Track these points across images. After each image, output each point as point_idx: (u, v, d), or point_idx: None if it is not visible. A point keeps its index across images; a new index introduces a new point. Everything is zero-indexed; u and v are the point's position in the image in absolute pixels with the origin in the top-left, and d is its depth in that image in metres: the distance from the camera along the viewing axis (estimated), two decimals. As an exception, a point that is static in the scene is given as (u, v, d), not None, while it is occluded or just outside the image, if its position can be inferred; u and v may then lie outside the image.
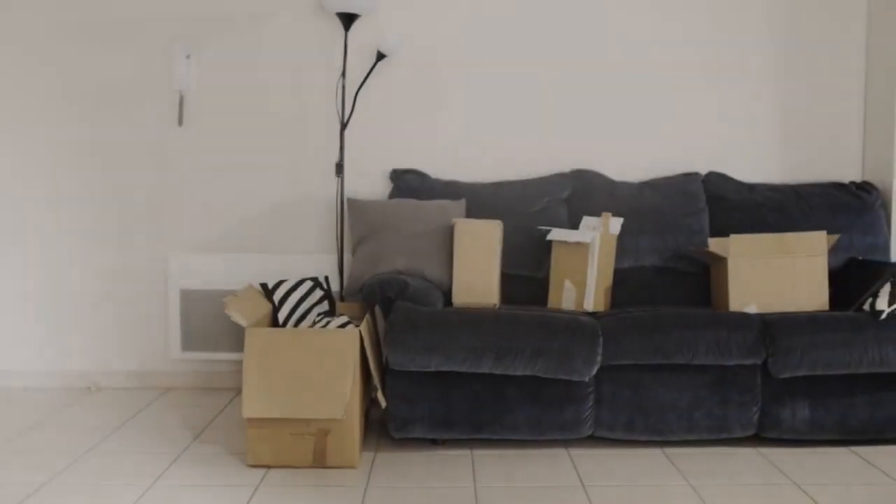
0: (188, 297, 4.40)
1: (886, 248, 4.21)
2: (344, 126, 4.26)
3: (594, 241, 3.76)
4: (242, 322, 3.41)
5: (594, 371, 3.48)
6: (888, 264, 3.73)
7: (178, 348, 4.43)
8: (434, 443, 3.67)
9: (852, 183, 4.34)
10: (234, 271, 4.40)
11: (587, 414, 3.54)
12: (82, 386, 4.53)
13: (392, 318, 3.51)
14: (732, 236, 3.81)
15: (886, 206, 4.30)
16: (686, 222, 4.18)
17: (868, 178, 4.46)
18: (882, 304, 3.59)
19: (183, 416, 4.05)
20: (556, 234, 3.86)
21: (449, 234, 3.84)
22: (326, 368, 3.32)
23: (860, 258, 4.06)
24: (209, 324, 4.37)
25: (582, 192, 4.24)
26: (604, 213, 3.92)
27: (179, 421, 3.96)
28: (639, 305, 3.96)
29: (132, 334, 4.50)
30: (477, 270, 3.71)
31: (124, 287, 4.48)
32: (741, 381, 3.57)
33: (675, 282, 4.13)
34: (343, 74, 4.25)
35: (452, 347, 3.43)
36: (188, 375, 4.48)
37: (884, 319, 3.56)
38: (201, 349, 4.42)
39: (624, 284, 4.10)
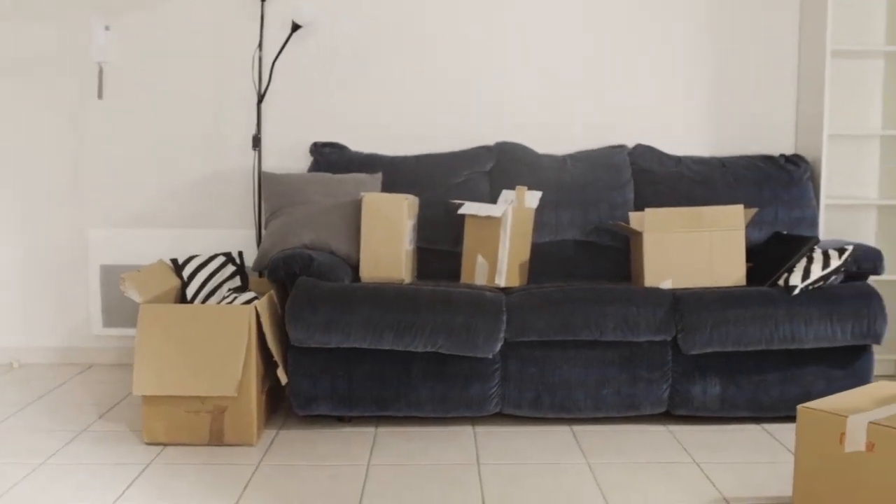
0: (109, 272, 4.34)
1: (814, 222, 4.12)
2: (261, 99, 4.18)
3: (506, 214, 3.68)
4: (137, 298, 3.35)
5: (497, 348, 3.41)
6: (807, 239, 3.64)
7: (99, 325, 4.38)
8: (341, 420, 3.61)
9: (782, 156, 4.25)
10: (154, 246, 4.34)
11: (493, 391, 3.48)
12: (4, 362, 4.48)
13: (293, 293, 3.44)
14: (647, 210, 3.73)
15: (815, 180, 4.21)
16: (610, 196, 4.09)
17: (801, 151, 4.36)
18: (795, 279, 3.51)
19: (96, 392, 4.00)
20: (467, 208, 3.79)
21: (359, 208, 3.76)
22: (220, 345, 3.26)
23: (784, 232, 3.98)
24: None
25: (505, 165, 4.16)
26: (518, 187, 3.84)
27: (91, 398, 3.92)
28: (557, 280, 3.89)
29: (54, 311, 4.44)
30: (384, 245, 3.63)
31: (45, 263, 4.42)
32: (651, 358, 3.50)
33: (596, 256, 4.05)
34: (259, 46, 4.17)
35: (352, 323, 3.37)
36: (110, 352, 4.43)
37: (796, 295, 3.48)
38: (123, 325, 4.37)
39: (543, 259, 4.03)
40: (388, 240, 3.63)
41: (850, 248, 3.56)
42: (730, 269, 3.70)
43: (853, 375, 3.55)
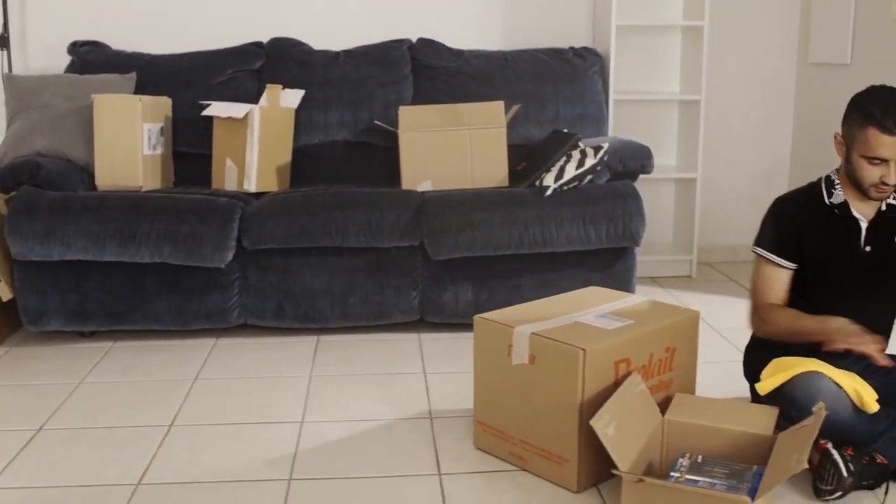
0: None
1: (601, 119, 3.93)
2: (7, -8, 3.87)
3: (252, 115, 3.45)
4: None
5: (229, 257, 3.24)
6: (570, 136, 3.46)
7: None
8: (83, 335, 3.44)
9: (571, 49, 4.03)
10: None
11: (233, 302, 3.32)
12: None
13: (12, 204, 3.23)
14: (402, 108, 3.53)
15: (604, 74, 4.01)
16: (384, 93, 3.87)
17: (596, 45, 4.14)
18: (549, 179, 3.35)
19: None
20: (212, 110, 3.55)
21: (100, 111, 3.51)
22: (-81, 260, 3.05)
23: (565, 130, 3.79)
24: None
25: (275, 63, 3.91)
26: (269, 86, 3.60)
27: None
28: (323, 184, 3.68)
29: None
30: (119, 150, 3.41)
31: None
32: (399, 265, 3.35)
33: (367, 158, 3.84)
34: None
35: (71, 234, 3.17)
36: None
37: (549, 196, 3.32)
38: None
39: (310, 162, 3.82)
40: (122, 145, 3.40)
41: (606, 145, 3.39)
42: (491, 170, 3.53)
43: (613, 278, 3.43)
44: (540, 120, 3.85)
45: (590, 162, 3.34)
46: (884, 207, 2.44)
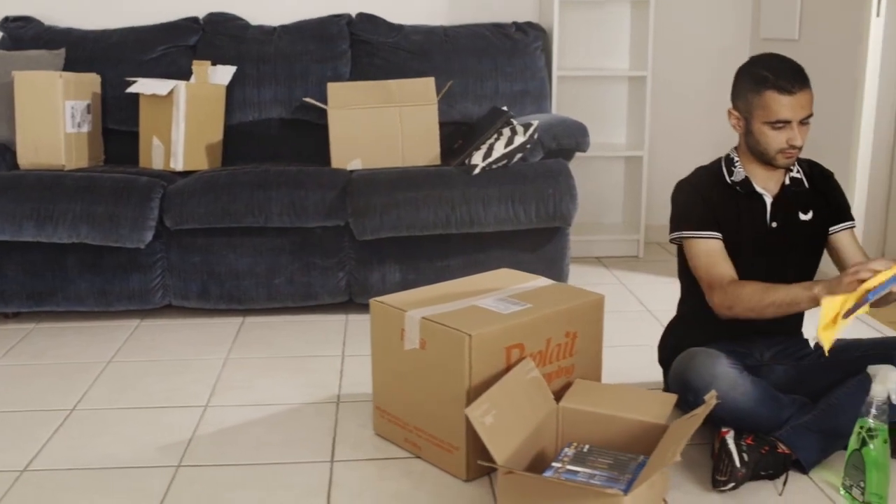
0: None
1: (542, 95, 3.85)
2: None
3: (177, 92, 3.38)
4: None
5: (148, 237, 3.18)
6: (501, 113, 3.38)
7: None
8: (6, 317, 3.39)
9: (514, 24, 3.94)
10: None
11: (156, 283, 3.27)
12: None
13: (-72, 183, 3.17)
14: (331, 85, 3.45)
15: (548, 50, 3.92)
16: (319, 69, 3.79)
17: (541, 20, 4.05)
18: (477, 158, 3.27)
19: None
20: (137, 87, 3.48)
21: (22, 88, 3.45)
22: None
23: (504, 108, 3.71)
24: None
25: (211, 39, 3.83)
26: (196, 62, 3.53)
27: None
28: (257, 162, 3.61)
29: None
30: (41, 128, 3.34)
31: None
32: (325, 245, 3.29)
33: (303, 136, 3.77)
34: None
35: (-13, 214, 3.12)
36: None
37: (476, 175, 3.25)
38: None
39: (243, 140, 3.74)
40: (43, 122, 3.34)
41: (535, 123, 3.31)
42: (423, 148, 3.46)
43: (544, 259, 3.37)
44: (479, 96, 3.77)
45: (519, 140, 3.26)
46: (787, 181, 2.37)
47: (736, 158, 2.38)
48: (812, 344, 2.46)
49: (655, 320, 3.29)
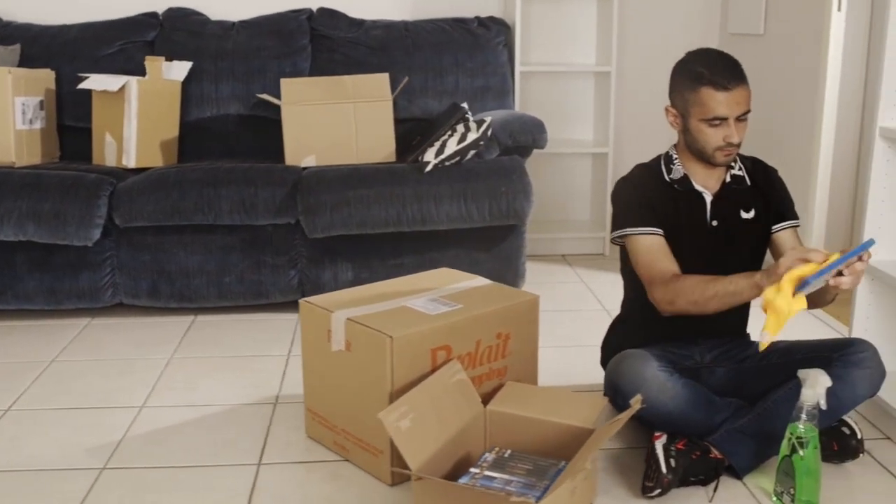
0: None
1: (504, 91, 3.80)
2: None
3: (128, 88, 3.35)
4: None
5: (96, 235, 3.14)
6: (457, 110, 3.33)
7: None
8: (-42, 315, 3.37)
9: (476, 18, 3.89)
10: None
11: (106, 281, 3.23)
12: None
13: None
14: (284, 80, 3.41)
15: (510, 46, 3.87)
16: (278, 65, 3.75)
17: (507, 14, 3.99)
18: (430, 155, 3.23)
19: None
20: (89, 83, 3.44)
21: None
22: None
23: (463, 104, 3.66)
24: None
25: (169, 35, 3.79)
26: (148, 58, 3.49)
27: None
28: (213, 159, 3.57)
29: None
30: (-10, 124, 3.31)
31: None
32: (276, 243, 3.25)
33: (261, 132, 3.73)
34: None
35: (-69, 212, 3.09)
36: None
37: (428, 173, 3.21)
38: None
39: (200, 136, 3.71)
40: (-7, 119, 3.31)
41: (488, 119, 3.27)
42: (378, 145, 3.41)
43: (499, 257, 3.33)
44: (439, 92, 3.72)
45: (472, 137, 3.22)
46: (728, 179, 2.32)
47: (675, 156, 2.33)
48: (758, 345, 2.41)
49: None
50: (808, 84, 3.40)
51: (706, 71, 2.16)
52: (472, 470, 2.00)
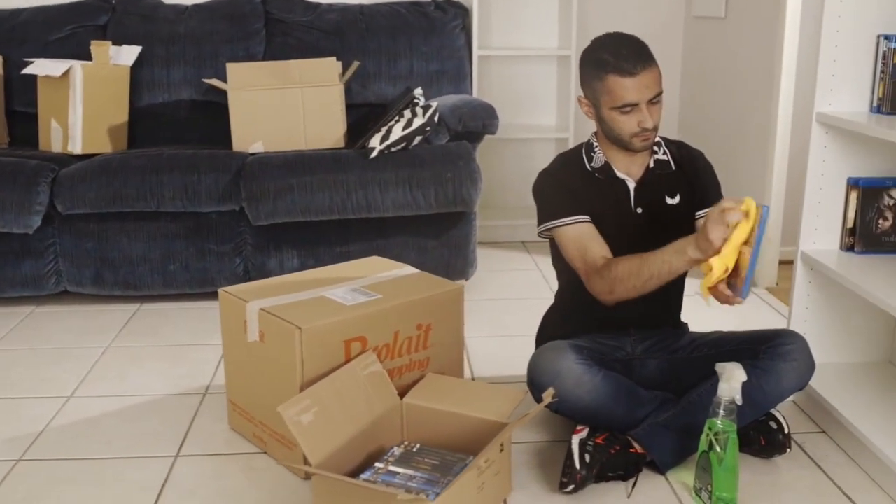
0: None
1: (460, 76, 3.74)
2: None
3: (73, 73, 3.30)
4: None
5: (36, 223, 3.11)
6: (405, 95, 3.28)
7: None
8: None
9: (433, 2, 3.82)
10: None
11: (49, 269, 3.20)
12: None
13: None
14: (230, 65, 3.36)
15: (468, 30, 3.80)
16: (231, 50, 3.69)
17: (465, -5, 3.93)
18: (375, 141, 3.18)
19: None
20: (33, 68, 3.40)
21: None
22: None
23: (416, 89, 3.59)
24: None
25: (121, 18, 3.73)
26: (94, 42, 3.44)
27: None
28: (165, 145, 3.52)
29: None
30: (-67, 110, 3.27)
31: None
32: (220, 231, 3.21)
33: (213, 117, 3.65)
34: None
35: None
36: None
37: (373, 159, 3.15)
38: None
39: (152, 122, 3.66)
40: (-64, 104, 3.27)
41: (435, 104, 3.21)
42: (327, 130, 3.36)
43: (448, 244, 3.28)
44: (393, 77, 3.67)
45: (418, 122, 3.16)
46: (652, 164, 2.26)
47: (595, 144, 2.28)
48: (691, 336, 2.36)
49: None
50: (767, 67, 3.33)
51: (610, 57, 2.10)
52: (377, 465, 1.96)
